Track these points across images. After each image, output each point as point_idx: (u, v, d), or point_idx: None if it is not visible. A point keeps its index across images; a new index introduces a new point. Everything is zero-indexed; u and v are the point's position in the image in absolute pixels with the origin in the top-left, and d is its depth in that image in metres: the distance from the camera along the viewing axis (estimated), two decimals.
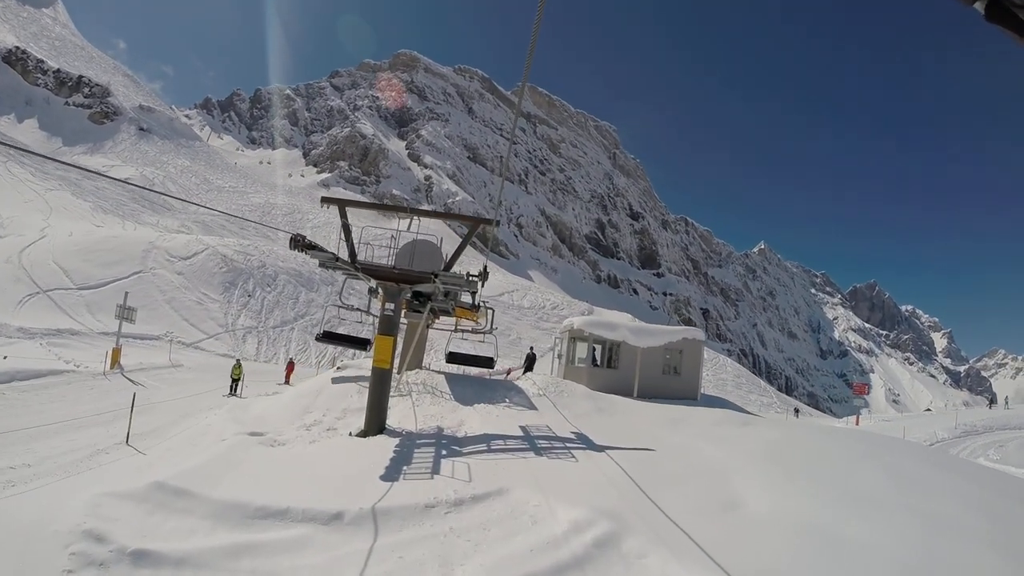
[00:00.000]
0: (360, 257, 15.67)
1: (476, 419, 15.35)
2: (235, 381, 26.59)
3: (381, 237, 18.37)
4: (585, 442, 13.93)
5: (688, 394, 22.89)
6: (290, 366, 35.43)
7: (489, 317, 22.68)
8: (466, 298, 23.03)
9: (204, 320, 51.00)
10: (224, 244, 63.93)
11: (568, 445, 13.40)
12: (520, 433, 14.21)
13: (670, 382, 22.68)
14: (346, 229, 15.66)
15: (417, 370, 20.00)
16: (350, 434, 14.71)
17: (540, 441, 13.56)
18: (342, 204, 15.99)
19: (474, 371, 27.51)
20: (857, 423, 56.58)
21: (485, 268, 14.94)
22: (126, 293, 39.68)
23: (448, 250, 16.83)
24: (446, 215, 16.87)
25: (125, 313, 32.33)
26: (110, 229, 72.30)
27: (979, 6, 2.04)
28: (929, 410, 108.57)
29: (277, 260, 62.66)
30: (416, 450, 12.73)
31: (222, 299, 54.33)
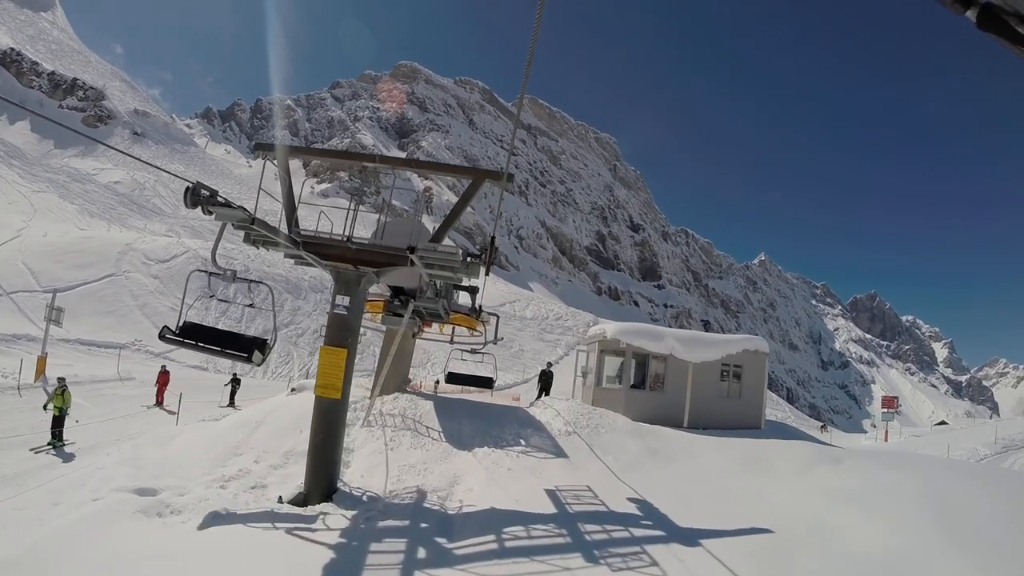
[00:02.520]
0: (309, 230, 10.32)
1: (478, 474, 10.02)
2: (56, 419, 15.14)
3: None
4: (657, 520, 8.48)
5: (750, 421, 17.57)
6: (162, 378, 24.19)
7: (493, 325, 17.61)
8: (464, 300, 17.84)
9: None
10: (206, 247, 58.62)
11: (633, 530, 7.90)
12: (550, 506, 8.79)
13: (728, 407, 17.33)
14: (286, 186, 10.24)
15: (397, 395, 14.58)
16: (280, 499, 9.30)
17: (586, 524, 8.07)
18: (282, 153, 10.66)
19: (475, 394, 22.09)
20: (886, 439, 51.73)
21: (492, 241, 9.52)
22: (55, 292, 34.42)
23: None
24: (435, 166, 11.28)
25: (53, 315, 27.06)
26: (90, 231, 67.12)
27: (971, 14, 2.02)
28: (945, 423, 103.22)
29: (262, 265, 57.24)
30: (374, 545, 7.27)
31: (199, 305, 48.76)
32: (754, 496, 10.73)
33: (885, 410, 58.02)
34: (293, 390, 15.81)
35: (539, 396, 18.62)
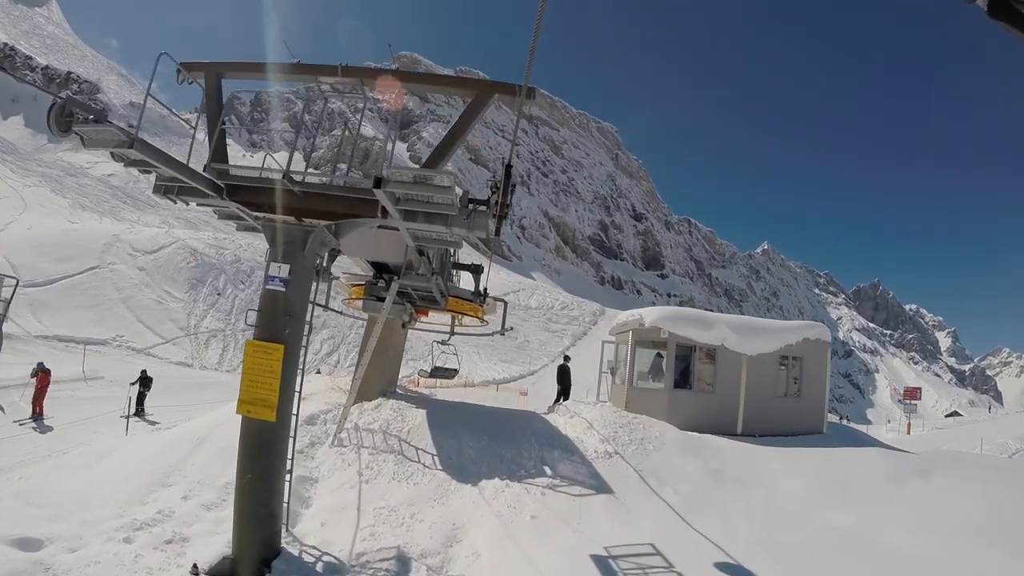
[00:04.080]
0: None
1: (488, 526, 6.92)
2: None
3: None
4: None
5: (811, 424, 14.41)
6: (41, 379, 18.12)
7: (500, 313, 14.56)
8: (466, 283, 14.72)
9: (162, 322, 42.52)
10: (196, 237, 55.46)
11: None
12: None
13: (786, 408, 14.12)
14: (212, 113, 6.98)
15: (380, 402, 11.41)
16: (195, 569, 6.12)
17: None
18: (210, 73, 7.39)
19: (478, 399, 18.85)
20: (909, 432, 49.00)
21: (508, 172, 6.25)
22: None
23: None
24: (426, 78, 7.95)
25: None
26: (78, 224, 64.06)
27: (981, 2, 1.97)
28: (958, 413, 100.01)
29: (255, 254, 53.96)
30: None
31: (187, 298, 45.79)
32: (866, 540, 7.78)
33: (907, 401, 55.19)
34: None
35: (558, 399, 15.38)
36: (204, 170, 6.65)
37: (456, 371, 15.43)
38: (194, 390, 27.59)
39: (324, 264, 12.48)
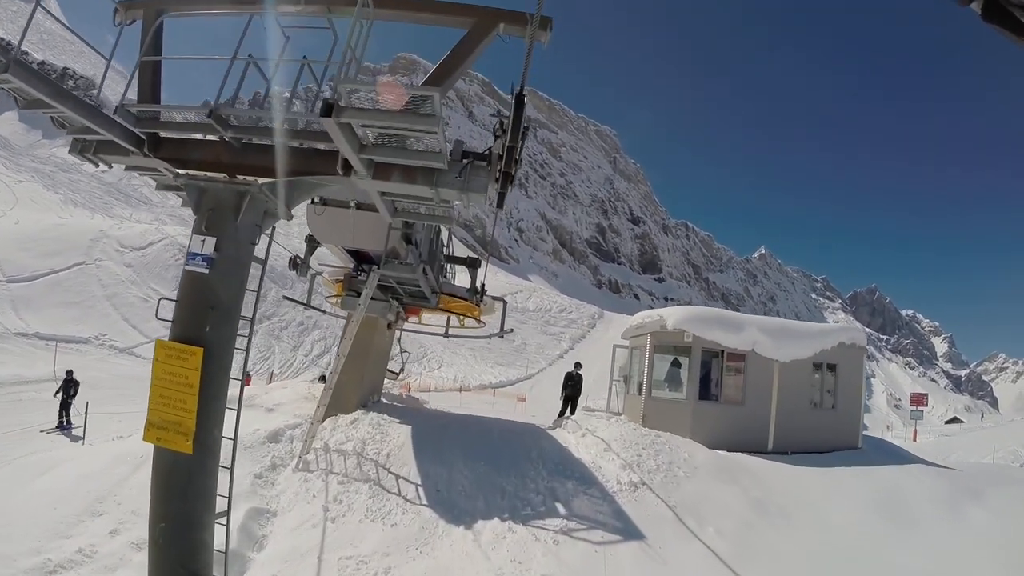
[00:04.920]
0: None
1: None
2: None
3: None
4: None
5: (846, 439, 12.84)
6: None
7: (499, 312, 13.00)
8: (461, 279, 13.11)
9: (147, 320, 40.73)
10: (185, 234, 53.62)
11: None
12: None
13: (820, 421, 12.52)
14: (147, 47, 5.27)
15: (358, 415, 9.77)
16: None
17: None
18: (151, 6, 5.66)
19: (475, 405, 17.26)
20: (915, 438, 47.68)
21: (520, 103, 4.52)
22: None
23: None
24: (412, 3, 5.89)
25: None
26: (67, 219, 62.30)
27: (975, 6, 1.96)
28: (959, 420, 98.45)
29: None
30: None
31: (174, 295, 43.89)
32: None
33: (914, 408, 53.72)
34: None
35: (564, 411, 13.70)
36: (116, 113, 5.05)
37: (397, 374, 14.85)
38: None
39: (304, 257, 10.91)
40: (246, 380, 21.10)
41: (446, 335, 15.49)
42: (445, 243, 12.83)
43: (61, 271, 44.78)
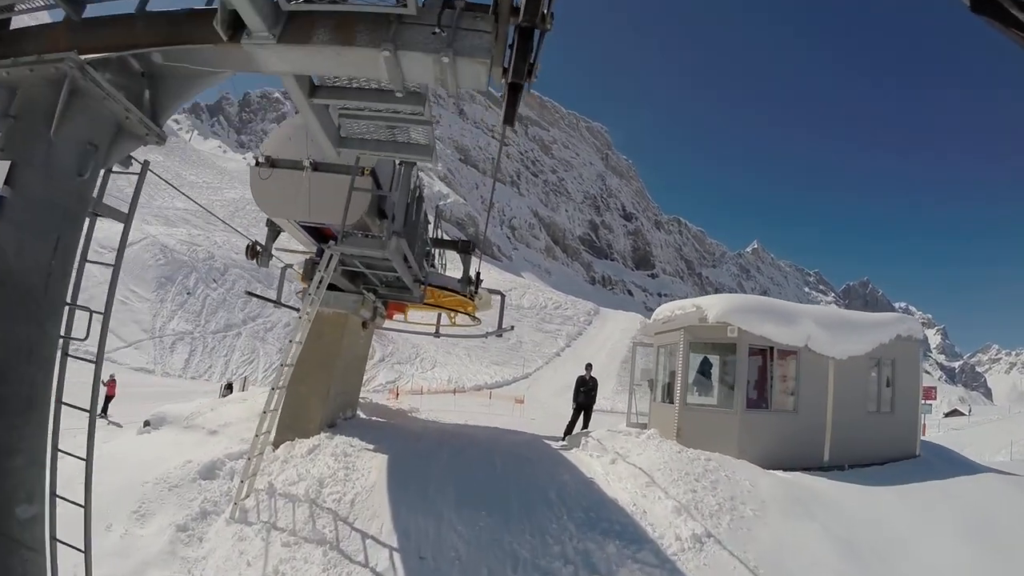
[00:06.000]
0: None
1: None
2: None
3: None
4: None
5: (903, 446, 10.80)
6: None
7: (496, 308, 11.11)
8: (451, 269, 11.07)
9: (126, 324, 38.49)
10: (168, 234, 51.42)
11: None
12: None
13: (877, 427, 10.48)
14: None
15: (320, 440, 7.69)
16: None
17: None
18: None
19: (469, 410, 15.30)
20: (924, 432, 46.26)
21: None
22: None
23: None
24: None
25: None
26: None
27: None
28: (959, 412, 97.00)
29: (230, 251, 49.95)
30: None
31: (153, 298, 41.76)
32: None
33: (925, 402, 52.05)
34: (147, 424, 8.88)
35: (575, 422, 11.61)
36: None
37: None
38: (144, 402, 23.66)
39: (265, 244, 8.84)
40: (109, 387, 19.04)
41: (436, 334, 13.43)
42: (431, 221, 10.79)
43: None
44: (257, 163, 7.02)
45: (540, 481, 6.86)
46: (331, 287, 8.16)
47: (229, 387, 21.46)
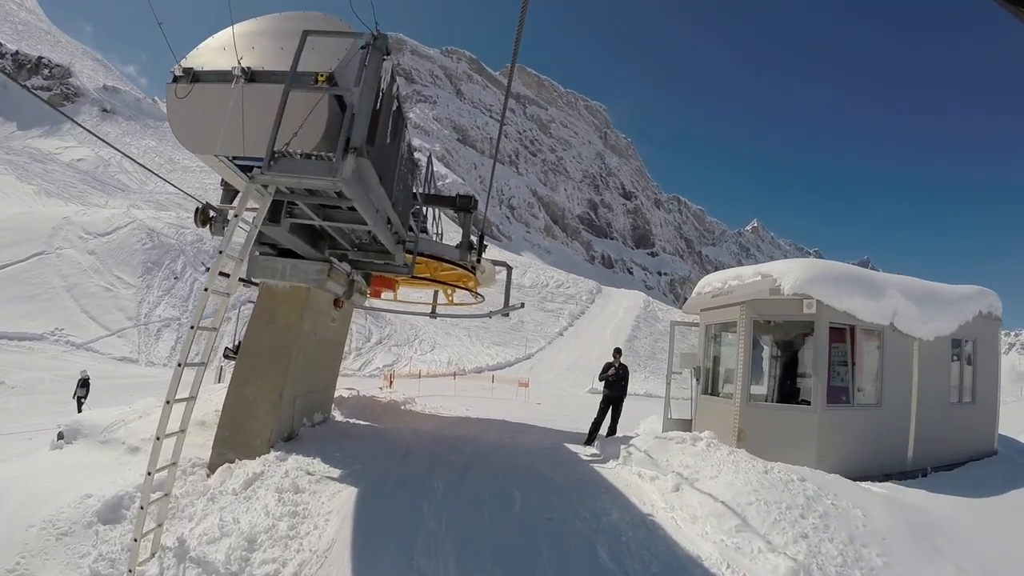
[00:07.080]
0: None
1: None
2: None
3: None
4: None
5: (982, 443, 8.79)
6: None
7: (502, 283, 9.11)
8: (448, 236, 9.02)
9: (109, 311, 36.68)
10: (156, 217, 49.36)
11: None
12: None
13: (960, 422, 8.42)
14: None
15: (267, 460, 5.70)
16: None
17: None
18: None
19: (471, 394, 13.44)
20: None
21: None
22: None
23: None
24: None
25: None
26: (25, 206, 57.78)
27: None
28: None
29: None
30: None
31: (139, 283, 39.77)
32: None
33: None
34: (60, 436, 6.94)
35: (600, 421, 9.63)
36: None
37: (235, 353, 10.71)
38: (124, 394, 21.81)
39: (219, 206, 6.88)
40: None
41: (432, 314, 11.51)
42: (423, 169, 8.79)
43: (19, 263, 40.55)
44: (175, 79, 5.04)
45: (580, 525, 4.81)
46: (287, 253, 6.18)
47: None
